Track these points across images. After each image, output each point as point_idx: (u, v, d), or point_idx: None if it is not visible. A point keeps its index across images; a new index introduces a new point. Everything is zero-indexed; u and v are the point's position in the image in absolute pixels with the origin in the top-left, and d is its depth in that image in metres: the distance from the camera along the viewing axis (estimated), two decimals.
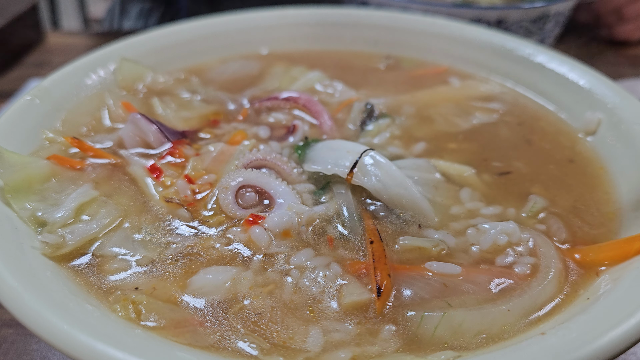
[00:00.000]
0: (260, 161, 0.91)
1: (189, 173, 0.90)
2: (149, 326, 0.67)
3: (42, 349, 0.92)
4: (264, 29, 1.31)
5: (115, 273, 0.75)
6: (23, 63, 1.85)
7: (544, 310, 0.70)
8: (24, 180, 0.82)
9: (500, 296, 0.72)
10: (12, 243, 0.71)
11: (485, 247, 0.78)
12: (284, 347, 0.66)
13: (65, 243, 0.76)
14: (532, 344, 0.61)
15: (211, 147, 0.96)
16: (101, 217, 0.81)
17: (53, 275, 0.71)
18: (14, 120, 0.91)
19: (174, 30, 1.25)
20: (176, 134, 0.99)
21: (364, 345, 0.66)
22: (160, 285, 0.73)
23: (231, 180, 0.86)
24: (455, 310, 0.68)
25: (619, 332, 0.58)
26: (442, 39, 1.28)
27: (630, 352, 0.91)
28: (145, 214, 0.84)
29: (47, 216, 0.79)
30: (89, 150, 0.94)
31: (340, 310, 0.70)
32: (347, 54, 1.34)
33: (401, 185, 0.84)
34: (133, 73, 1.14)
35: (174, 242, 0.79)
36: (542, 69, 1.15)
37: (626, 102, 0.98)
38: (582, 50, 1.94)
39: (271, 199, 0.85)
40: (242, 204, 0.85)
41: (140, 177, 0.90)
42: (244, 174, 0.87)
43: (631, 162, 0.91)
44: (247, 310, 0.70)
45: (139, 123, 0.97)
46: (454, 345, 0.66)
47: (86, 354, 0.56)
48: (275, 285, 0.73)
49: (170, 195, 0.86)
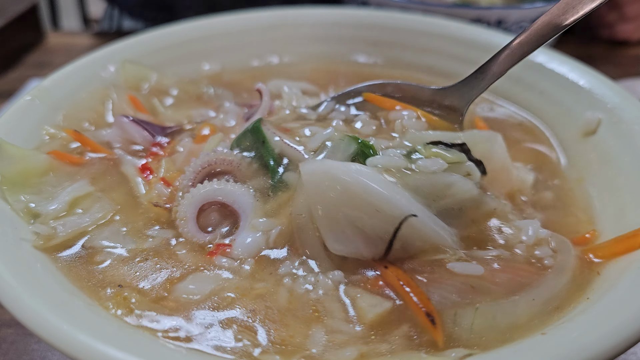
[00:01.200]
0: (210, 167, 0.83)
1: (164, 175, 0.89)
2: (142, 324, 0.67)
3: (42, 349, 0.92)
4: (264, 29, 1.31)
5: (105, 267, 0.75)
6: (23, 63, 1.85)
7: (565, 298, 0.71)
8: (21, 173, 0.83)
9: (524, 288, 0.71)
10: (3, 235, 0.72)
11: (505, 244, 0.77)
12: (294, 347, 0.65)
13: (56, 234, 0.77)
14: (532, 344, 0.61)
15: (180, 147, 0.95)
16: (94, 211, 0.82)
17: (43, 267, 0.71)
18: (14, 120, 0.91)
19: (174, 30, 1.25)
20: (163, 130, 0.99)
21: (371, 344, 0.66)
22: (150, 283, 0.73)
23: (186, 208, 0.79)
24: (486, 305, 0.68)
25: (619, 332, 0.58)
26: (442, 39, 1.28)
27: (631, 352, 0.91)
28: (136, 211, 0.84)
29: (40, 208, 0.79)
30: (88, 144, 0.95)
31: (366, 325, 0.68)
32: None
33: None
34: (137, 74, 1.14)
35: (162, 241, 0.79)
36: (542, 69, 1.15)
37: (626, 102, 0.98)
38: (582, 50, 1.94)
39: (235, 212, 0.80)
40: (208, 225, 0.80)
41: (132, 176, 0.90)
42: (196, 194, 0.79)
43: (631, 162, 0.91)
44: (241, 309, 0.70)
45: (124, 125, 0.97)
46: (488, 339, 0.65)
47: (83, 353, 0.56)
48: (266, 289, 0.73)
49: (154, 199, 0.85)
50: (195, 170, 0.83)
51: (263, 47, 1.32)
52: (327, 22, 1.34)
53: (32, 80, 1.69)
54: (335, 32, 1.34)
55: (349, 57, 1.34)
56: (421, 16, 1.33)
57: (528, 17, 1.50)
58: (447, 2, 1.51)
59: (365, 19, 1.34)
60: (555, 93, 1.12)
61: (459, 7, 1.46)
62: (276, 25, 1.32)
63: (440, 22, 1.30)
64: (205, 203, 0.80)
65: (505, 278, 0.72)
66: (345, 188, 0.70)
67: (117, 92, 1.08)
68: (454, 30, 1.28)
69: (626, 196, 0.87)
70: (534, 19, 1.49)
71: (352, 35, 1.34)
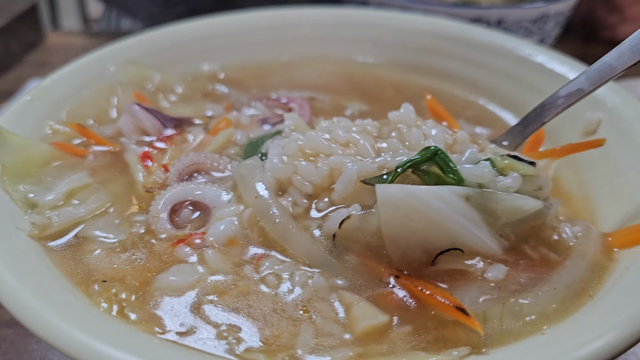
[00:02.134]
0: (193, 166, 0.88)
1: (166, 163, 0.90)
2: (135, 321, 0.67)
3: (42, 349, 0.92)
4: (264, 29, 1.31)
5: (95, 258, 0.76)
6: (23, 63, 1.85)
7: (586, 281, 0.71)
8: (22, 163, 0.83)
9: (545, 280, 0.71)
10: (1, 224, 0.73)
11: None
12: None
13: (50, 224, 0.78)
14: (532, 344, 0.61)
15: (190, 136, 0.96)
16: (90, 202, 0.83)
17: (37, 258, 0.72)
18: (16, 117, 0.91)
19: (174, 30, 1.24)
20: (172, 121, 1.01)
21: (370, 345, 0.66)
22: (137, 275, 0.74)
23: (159, 205, 0.81)
24: (511, 300, 0.68)
25: (619, 332, 0.58)
26: (442, 39, 1.28)
27: (630, 352, 0.91)
28: (133, 202, 0.85)
29: (38, 198, 0.80)
30: (91, 137, 0.95)
31: (354, 337, 0.67)
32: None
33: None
34: (139, 75, 1.15)
35: (152, 232, 0.80)
36: (542, 69, 1.15)
37: (626, 102, 0.98)
38: (582, 50, 1.94)
39: (206, 208, 0.82)
40: (179, 221, 0.82)
41: (133, 163, 0.91)
42: (168, 194, 0.83)
43: (631, 162, 0.91)
44: (224, 306, 0.70)
45: (135, 113, 0.98)
46: (519, 331, 0.65)
47: (83, 353, 0.56)
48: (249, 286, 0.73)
49: (150, 184, 0.87)
50: (184, 165, 0.87)
51: (263, 47, 1.32)
52: (327, 22, 1.34)
53: (32, 80, 1.69)
54: (335, 32, 1.34)
55: (349, 57, 1.34)
56: (421, 16, 1.34)
57: (528, 17, 1.49)
58: (447, 2, 1.50)
59: (365, 19, 1.34)
60: None
61: (459, 7, 1.46)
62: (276, 25, 1.32)
63: (440, 22, 1.30)
64: (177, 202, 0.83)
65: (527, 275, 0.72)
66: (426, 217, 0.70)
67: (122, 89, 1.08)
68: (454, 30, 1.28)
69: (626, 196, 0.87)
70: (534, 19, 1.49)
71: (352, 35, 1.34)
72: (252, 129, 1.00)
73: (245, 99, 1.15)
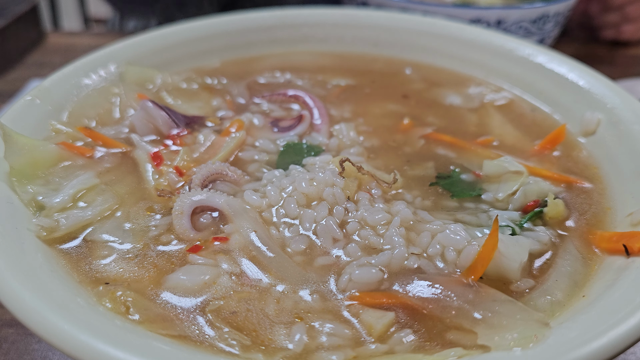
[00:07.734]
0: (216, 175, 0.88)
1: (178, 164, 0.90)
2: (139, 321, 0.67)
3: (43, 349, 0.92)
4: (265, 29, 1.31)
5: (103, 261, 0.76)
6: (23, 63, 1.86)
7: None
8: (30, 164, 0.83)
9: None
10: (8, 225, 0.73)
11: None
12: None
13: (58, 227, 0.78)
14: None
15: (201, 136, 0.96)
16: (97, 204, 0.83)
17: (44, 260, 0.72)
18: (17, 118, 0.91)
19: (174, 30, 1.25)
20: (185, 119, 1.01)
21: (362, 345, 0.66)
22: (145, 278, 0.74)
23: (183, 203, 0.81)
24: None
25: (619, 332, 0.59)
26: (442, 39, 1.28)
27: (630, 351, 0.92)
28: (140, 204, 0.85)
29: (46, 200, 0.80)
30: (99, 139, 0.95)
31: (376, 337, 0.67)
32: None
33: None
34: (140, 76, 1.14)
35: (161, 234, 0.80)
36: (542, 69, 1.15)
37: (625, 102, 0.98)
38: (582, 50, 1.94)
39: (228, 216, 0.82)
40: (198, 226, 0.81)
41: (142, 162, 0.90)
42: (196, 194, 0.82)
43: (630, 162, 0.91)
44: (227, 308, 0.70)
45: (148, 109, 0.98)
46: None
47: (84, 352, 0.56)
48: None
49: (162, 186, 0.86)
50: (208, 172, 0.87)
51: (263, 47, 1.32)
52: (327, 22, 1.34)
53: (33, 80, 1.69)
54: (335, 32, 1.34)
55: (349, 57, 1.34)
56: (421, 16, 1.34)
57: (528, 17, 1.50)
58: (446, 3, 1.51)
59: (365, 19, 1.34)
60: (555, 93, 1.12)
61: (458, 7, 1.46)
62: (276, 25, 1.32)
63: (440, 22, 1.30)
64: (198, 206, 0.82)
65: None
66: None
67: (123, 90, 1.08)
68: (454, 30, 1.28)
69: (626, 196, 0.87)
70: (533, 19, 1.50)
71: (352, 35, 1.34)
72: (265, 132, 1.01)
73: (242, 88, 1.16)
